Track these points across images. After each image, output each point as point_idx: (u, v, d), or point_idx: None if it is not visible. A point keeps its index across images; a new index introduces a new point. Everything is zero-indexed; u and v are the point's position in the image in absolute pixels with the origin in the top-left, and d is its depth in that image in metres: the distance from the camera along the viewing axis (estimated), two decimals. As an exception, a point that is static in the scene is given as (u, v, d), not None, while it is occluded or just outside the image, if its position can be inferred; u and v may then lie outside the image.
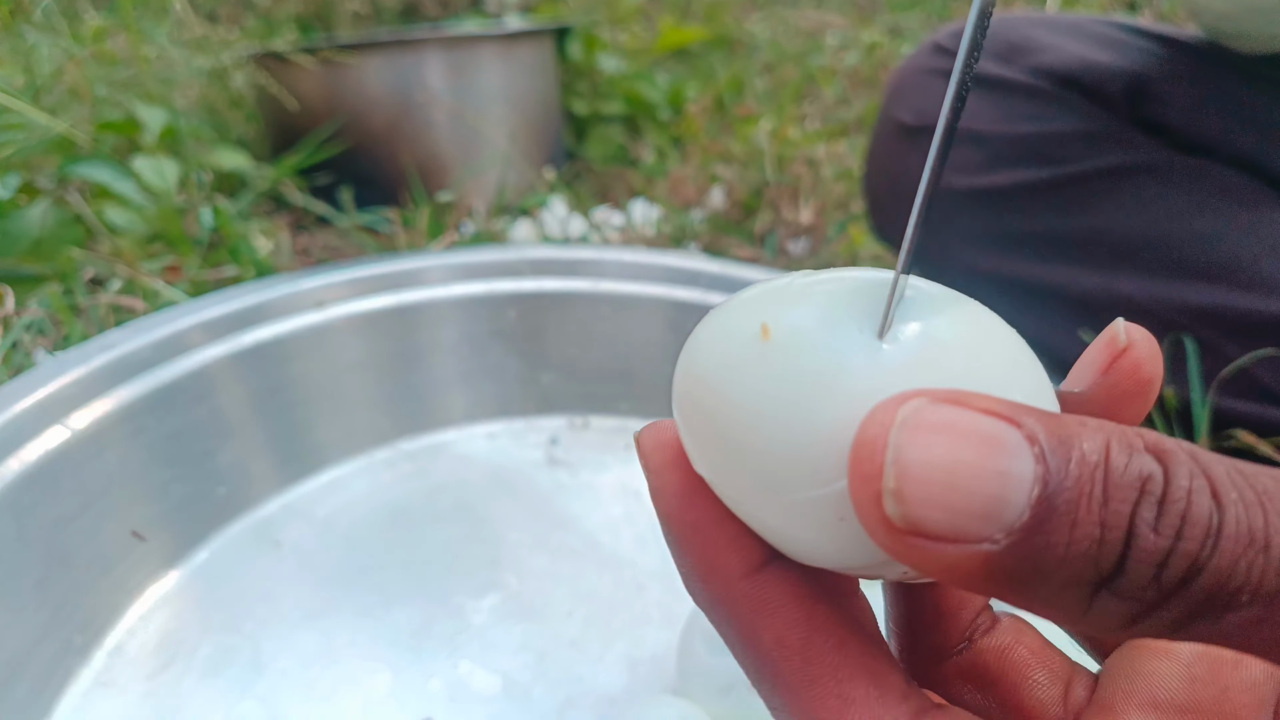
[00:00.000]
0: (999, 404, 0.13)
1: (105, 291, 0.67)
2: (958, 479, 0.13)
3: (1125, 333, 0.19)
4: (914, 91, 0.69)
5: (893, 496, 0.13)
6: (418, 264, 0.62)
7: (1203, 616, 0.12)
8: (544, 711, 0.46)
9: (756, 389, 0.16)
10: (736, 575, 0.17)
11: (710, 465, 0.17)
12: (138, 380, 0.51)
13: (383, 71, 1.00)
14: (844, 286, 0.17)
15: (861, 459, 0.13)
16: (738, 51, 1.54)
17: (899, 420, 0.13)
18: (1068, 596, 0.13)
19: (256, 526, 0.55)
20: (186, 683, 0.46)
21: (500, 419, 0.65)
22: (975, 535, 0.13)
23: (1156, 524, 0.12)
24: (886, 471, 0.13)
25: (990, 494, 0.12)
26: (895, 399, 0.13)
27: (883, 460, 0.13)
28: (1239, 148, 0.59)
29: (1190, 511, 0.12)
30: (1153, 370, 0.19)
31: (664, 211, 1.00)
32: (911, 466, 0.13)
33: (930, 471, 0.13)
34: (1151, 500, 0.12)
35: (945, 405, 0.13)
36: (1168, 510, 0.12)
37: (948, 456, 0.13)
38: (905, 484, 0.13)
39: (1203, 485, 0.12)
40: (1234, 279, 0.55)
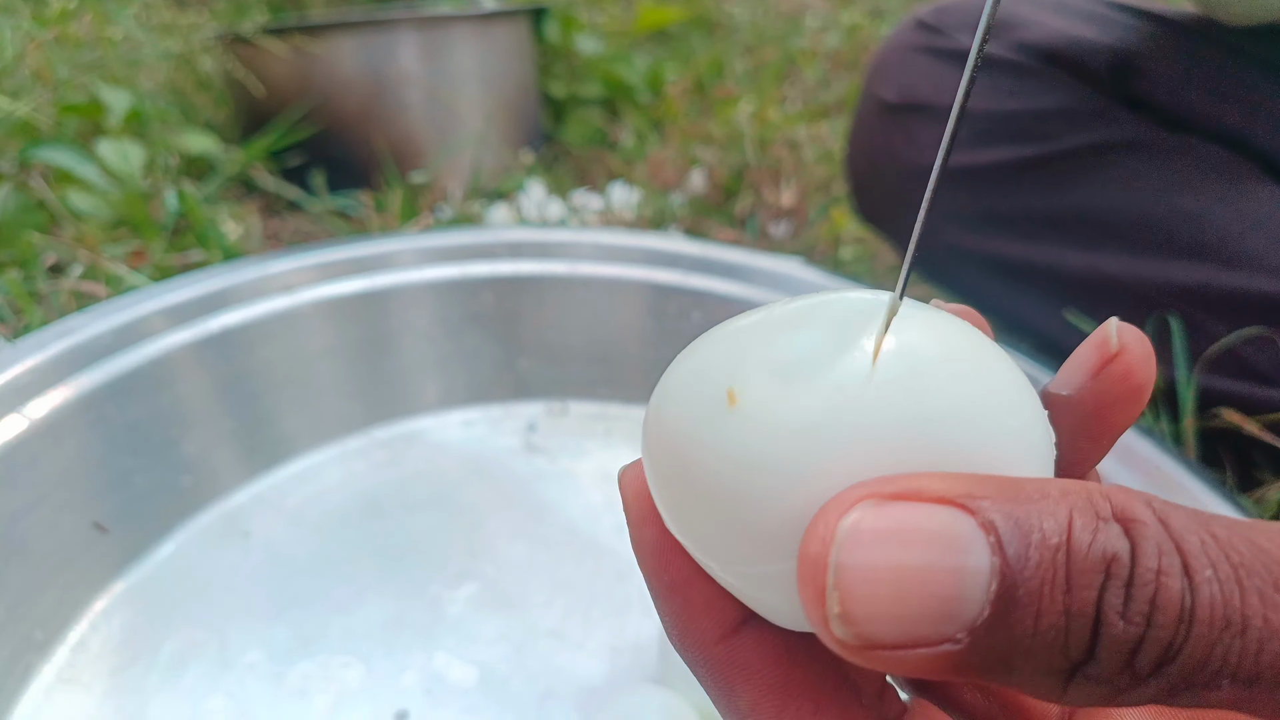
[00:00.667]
0: (953, 486, 0.13)
1: (66, 277, 0.65)
2: (907, 588, 0.12)
3: (1117, 335, 0.18)
4: (896, 69, 0.68)
5: (839, 620, 0.12)
6: (390, 247, 0.60)
7: (1183, 694, 0.12)
8: (523, 703, 0.45)
9: (720, 459, 0.15)
10: (712, 639, 0.17)
11: (677, 523, 0.17)
12: (98, 367, 0.50)
13: (355, 52, 0.98)
14: (818, 330, 0.16)
15: (805, 579, 0.13)
16: (717, 33, 1.52)
17: (839, 535, 0.12)
18: (1041, 683, 0.12)
19: (225, 517, 0.54)
20: (152, 679, 0.45)
21: (477, 405, 0.64)
22: (934, 638, 0.12)
23: (1125, 610, 0.11)
24: (829, 596, 0.12)
25: (945, 595, 0.12)
26: (838, 502, 0.13)
27: (824, 583, 0.12)
28: (1224, 124, 0.58)
29: (1160, 596, 0.11)
30: (1145, 376, 0.18)
31: (643, 194, 0.99)
32: (855, 585, 0.12)
33: (876, 587, 0.12)
34: (1118, 584, 0.12)
35: (891, 505, 0.13)
36: (1136, 595, 0.11)
37: (896, 565, 0.12)
38: (850, 604, 0.12)
39: (1174, 563, 0.12)
40: (1219, 257, 0.54)
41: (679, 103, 1.12)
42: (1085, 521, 0.12)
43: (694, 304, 0.62)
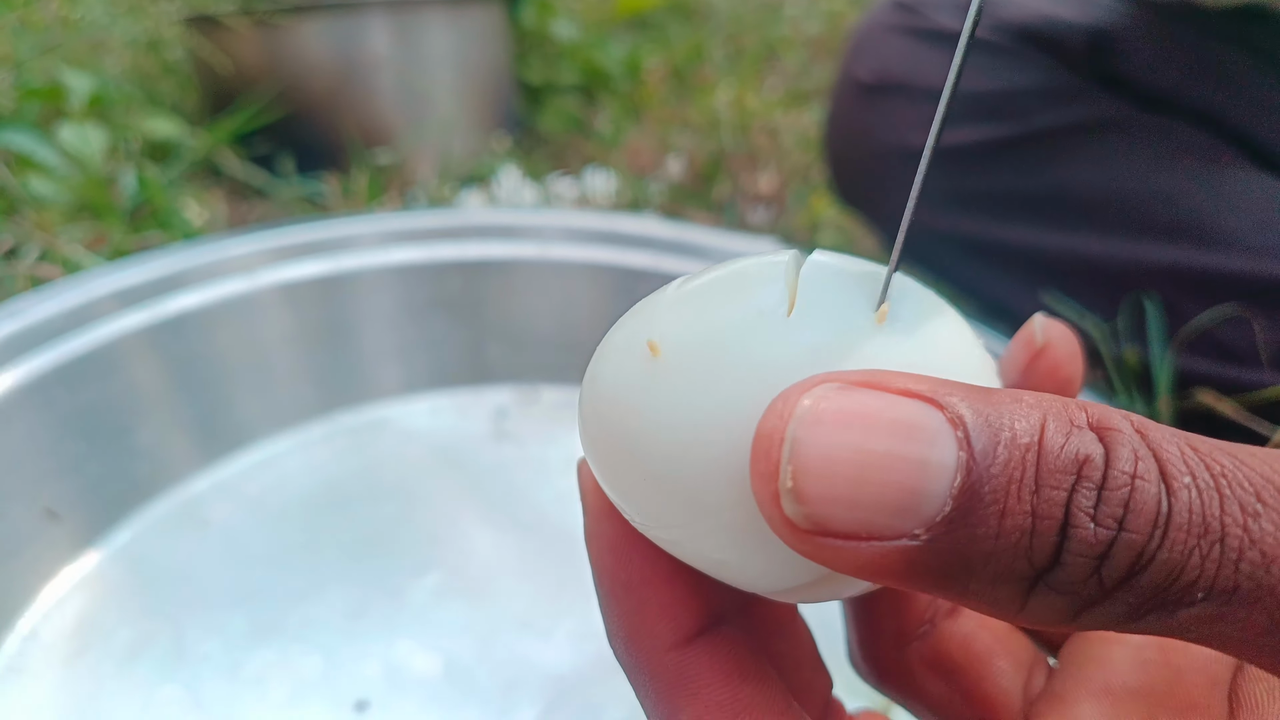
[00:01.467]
0: (921, 382, 0.12)
1: (21, 260, 0.63)
2: (867, 472, 0.11)
3: (1042, 331, 0.18)
4: (872, 49, 0.67)
5: (790, 496, 0.12)
6: (353, 229, 0.59)
7: (1153, 611, 0.11)
8: (487, 693, 0.44)
9: (649, 414, 0.15)
10: (664, 645, 0.16)
11: (617, 490, 0.16)
12: (48, 350, 0.48)
13: (324, 35, 0.96)
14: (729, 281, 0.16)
15: (758, 455, 0.12)
16: (696, 20, 1.52)
17: (799, 411, 0.12)
18: (1000, 591, 0.12)
19: (183, 505, 0.52)
20: (104, 668, 0.44)
21: (444, 392, 0.63)
22: (890, 531, 0.11)
23: (1095, 513, 0.11)
24: (782, 469, 0.12)
25: (906, 486, 0.11)
26: (800, 385, 0.12)
27: (779, 456, 0.12)
28: (1201, 104, 0.58)
29: (1134, 498, 0.11)
30: (1071, 370, 0.18)
31: (620, 180, 0.97)
32: (811, 461, 0.12)
33: (834, 466, 0.12)
34: (1090, 485, 0.11)
35: (857, 390, 0.12)
36: (1108, 497, 0.11)
37: (856, 448, 0.12)
38: (804, 481, 0.12)
39: (1150, 467, 0.11)
40: (1195, 236, 0.54)
41: (657, 89, 1.11)
42: (1059, 425, 0.11)
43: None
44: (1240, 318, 0.52)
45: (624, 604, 0.16)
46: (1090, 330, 0.57)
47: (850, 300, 0.15)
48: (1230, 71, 0.57)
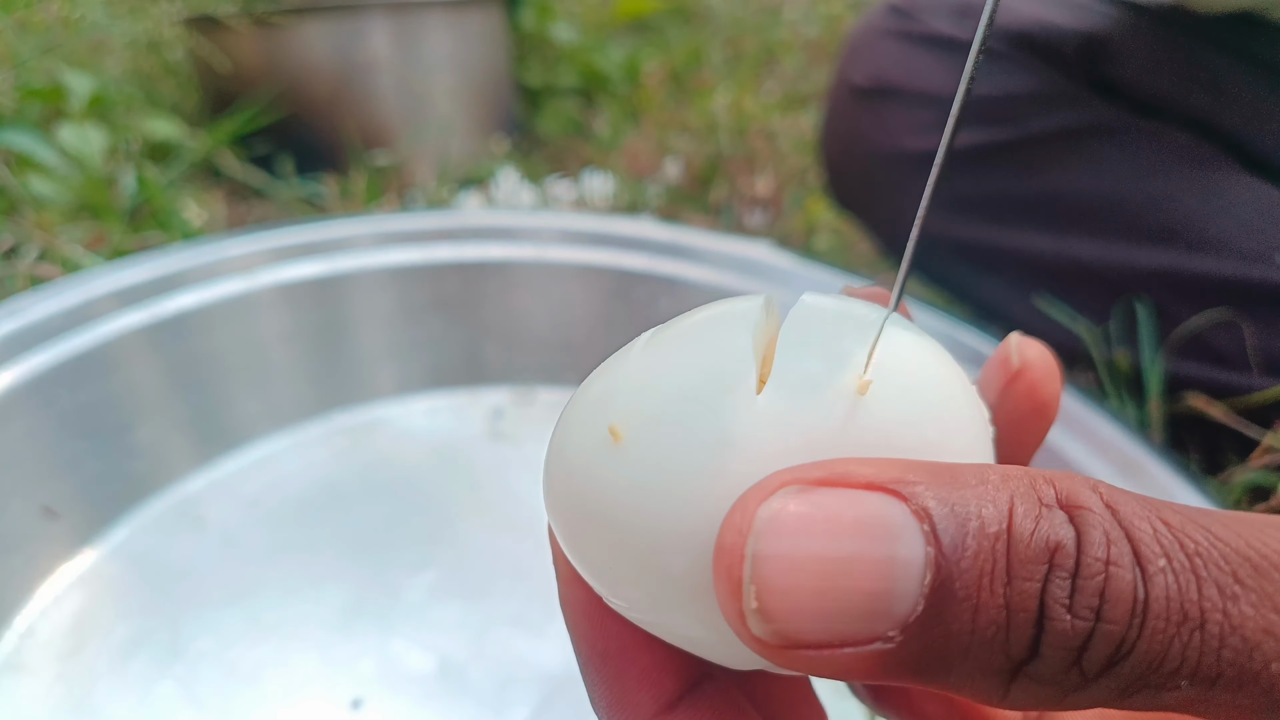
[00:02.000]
0: (887, 468, 0.12)
1: (21, 259, 0.63)
2: (833, 581, 0.11)
3: (1018, 352, 0.18)
4: (868, 53, 0.68)
5: (756, 616, 0.11)
6: (351, 229, 0.59)
7: (1140, 692, 0.11)
8: (481, 691, 0.44)
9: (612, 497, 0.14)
10: (647, 714, 0.15)
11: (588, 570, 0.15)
12: (47, 349, 0.49)
13: (325, 37, 0.97)
14: (697, 340, 0.15)
15: (720, 573, 0.12)
16: (695, 23, 1.52)
17: (758, 524, 0.11)
18: (981, 684, 0.11)
19: (180, 504, 0.53)
20: (100, 665, 0.44)
21: (441, 392, 0.63)
22: (863, 636, 0.11)
23: (1071, 603, 0.11)
24: (745, 590, 0.11)
25: (874, 590, 0.11)
26: (757, 490, 0.12)
27: (740, 575, 0.11)
28: (1193, 110, 0.59)
29: (1110, 586, 0.11)
30: (1049, 391, 0.18)
31: (618, 183, 0.98)
32: (774, 577, 0.11)
33: (798, 579, 0.11)
34: (1064, 574, 0.11)
35: (817, 490, 0.12)
36: (1083, 586, 0.11)
37: (820, 556, 0.11)
38: (768, 599, 0.11)
39: (1124, 551, 0.11)
40: (1186, 241, 0.54)
41: (655, 92, 1.12)
42: (1027, 508, 0.11)
43: (662, 289, 0.61)
44: (1231, 322, 0.53)
45: (602, 672, 0.16)
46: (1082, 333, 0.58)
47: (830, 363, 0.14)
48: (1222, 78, 0.58)
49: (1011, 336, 0.18)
